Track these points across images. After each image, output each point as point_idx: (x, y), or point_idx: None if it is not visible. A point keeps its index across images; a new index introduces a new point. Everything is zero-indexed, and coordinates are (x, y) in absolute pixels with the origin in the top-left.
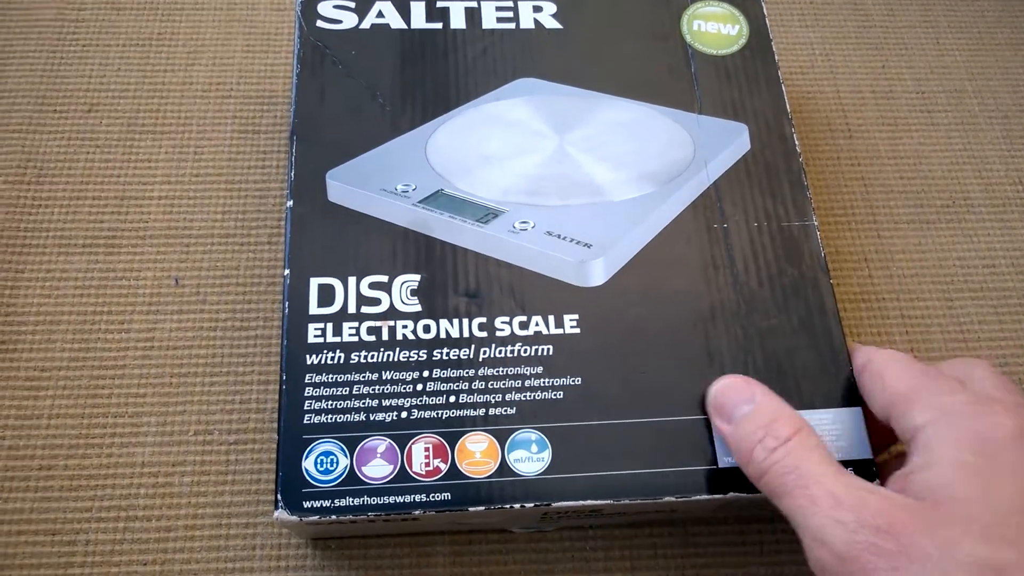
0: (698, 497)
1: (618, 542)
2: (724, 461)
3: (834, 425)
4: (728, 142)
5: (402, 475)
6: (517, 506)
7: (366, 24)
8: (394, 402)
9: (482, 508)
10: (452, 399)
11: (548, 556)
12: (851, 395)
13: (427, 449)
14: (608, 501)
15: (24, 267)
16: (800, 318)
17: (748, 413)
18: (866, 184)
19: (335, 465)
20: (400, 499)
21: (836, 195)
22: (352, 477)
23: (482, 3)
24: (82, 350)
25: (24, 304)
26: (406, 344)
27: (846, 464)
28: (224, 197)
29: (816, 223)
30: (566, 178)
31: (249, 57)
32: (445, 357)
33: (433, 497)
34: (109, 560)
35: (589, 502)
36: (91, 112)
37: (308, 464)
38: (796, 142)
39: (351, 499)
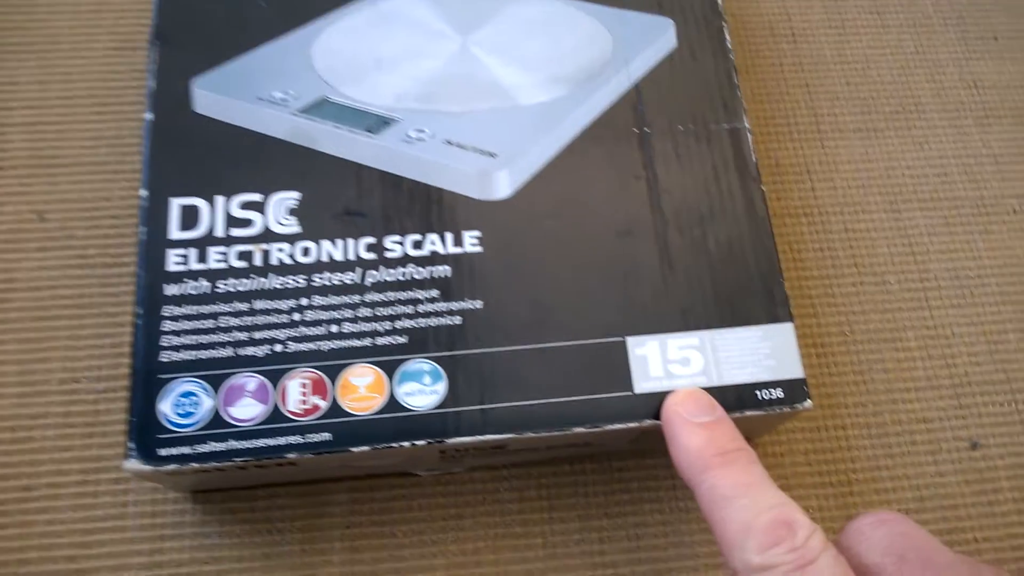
0: (612, 427)
1: (535, 481)
2: (641, 387)
3: (763, 343)
4: (652, 39)
5: (275, 415)
6: (407, 444)
7: None
8: (267, 334)
9: (367, 448)
10: (334, 329)
11: (458, 500)
12: (781, 311)
13: (304, 385)
14: (510, 435)
15: None
16: (728, 229)
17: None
18: (810, 91)
19: (197, 407)
20: (272, 442)
21: (777, 103)
22: (217, 420)
23: None
24: None
25: None
26: (282, 269)
27: (781, 383)
28: (96, 121)
29: (748, 126)
30: (468, 81)
31: None
32: (327, 283)
33: (310, 438)
34: None
35: (489, 437)
36: None
37: (165, 407)
38: (727, 37)
39: (215, 444)
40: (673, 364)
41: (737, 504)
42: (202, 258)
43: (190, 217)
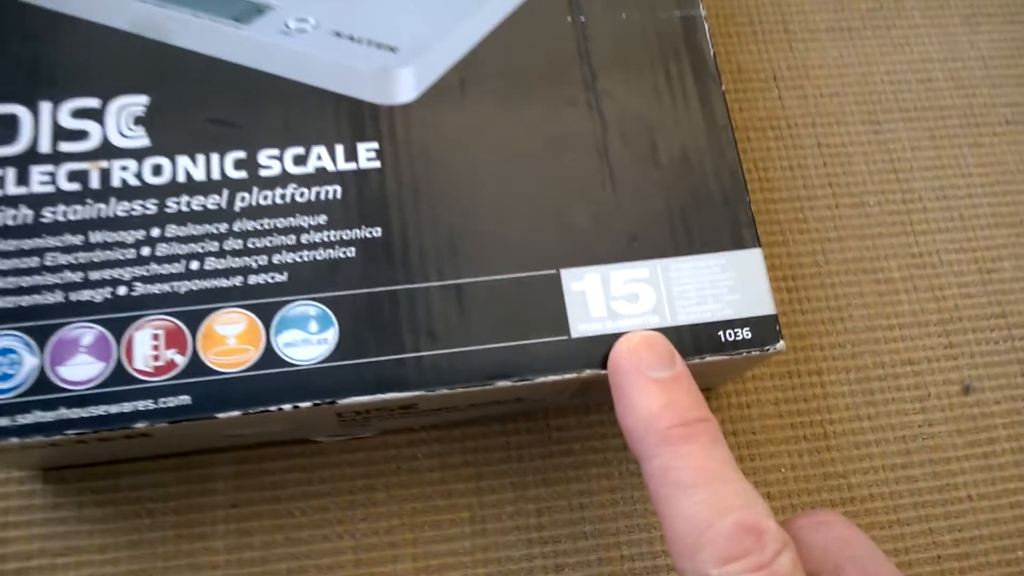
0: (545, 379)
1: (459, 444)
2: (579, 330)
3: (727, 274)
4: None
5: (118, 375)
6: (288, 408)
7: None
8: (108, 274)
9: (237, 414)
10: (194, 266)
11: (368, 469)
12: (748, 235)
13: (156, 337)
14: (419, 393)
15: None
16: (683, 138)
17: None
18: None
19: (17, 368)
20: (115, 409)
21: (739, 0)
22: (43, 383)
23: None
24: None
25: None
26: (126, 193)
27: (749, 321)
28: None
29: (704, 13)
30: None
31: None
32: (185, 208)
33: (165, 403)
34: None
35: (392, 395)
36: None
37: None
38: None
39: (41, 413)
40: (618, 301)
41: (696, 497)
42: (22, 180)
43: (7, 128)
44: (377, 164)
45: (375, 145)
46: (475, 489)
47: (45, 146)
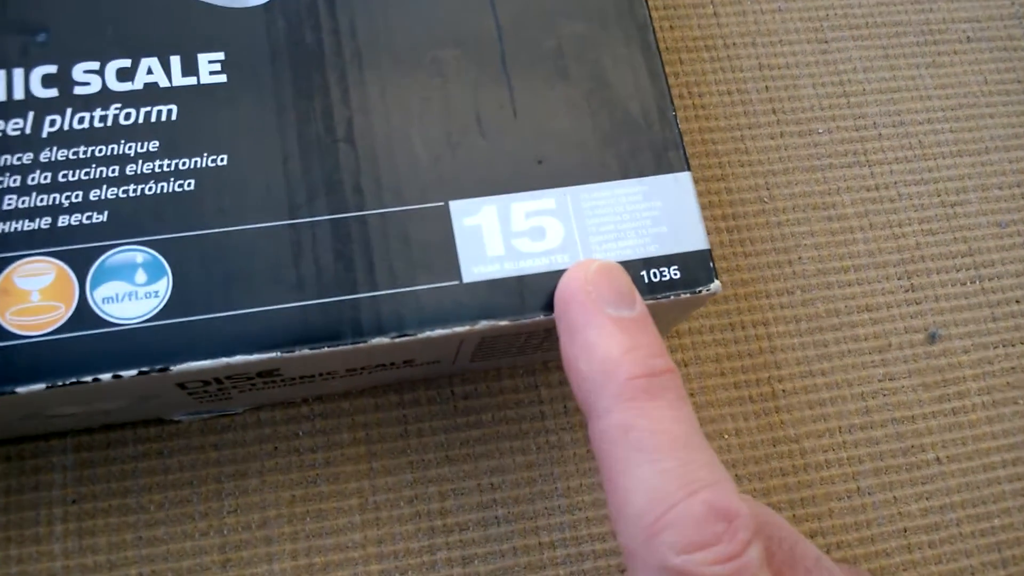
0: (434, 333)
1: (347, 419)
2: (472, 273)
3: (649, 203)
4: None
5: None
6: (107, 377)
7: None
8: None
9: (41, 387)
10: None
11: (237, 453)
12: (674, 156)
13: None
14: (275, 354)
15: None
16: (595, 41)
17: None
18: None
19: None
20: None
21: None
22: None
23: None
24: None
25: None
26: None
27: (677, 258)
28: None
29: None
30: None
31: None
32: None
33: None
34: None
35: (240, 359)
36: None
37: None
38: None
39: None
40: (520, 238)
41: (660, 465)
42: None
43: None
44: (222, 78)
45: (220, 56)
46: (367, 471)
47: None
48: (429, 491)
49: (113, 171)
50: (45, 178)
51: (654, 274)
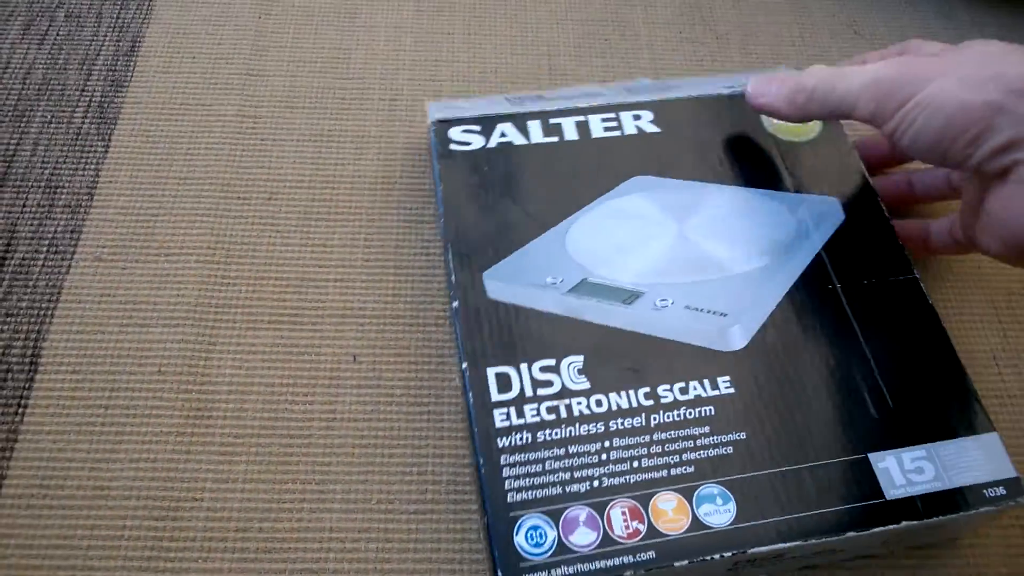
0: (873, 531)
1: None
2: (891, 493)
3: (975, 453)
4: (825, 215)
5: (606, 540)
6: (716, 556)
7: (492, 143)
8: (585, 472)
9: (685, 563)
10: (636, 464)
11: None
12: (982, 423)
13: (624, 513)
14: (797, 543)
15: (216, 340)
16: (925, 366)
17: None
18: None
19: (544, 538)
20: (610, 563)
21: None
22: (561, 547)
23: (589, 116)
24: (271, 419)
25: (217, 375)
26: (584, 419)
27: (997, 484)
28: (393, 281)
29: (918, 275)
30: (692, 258)
31: (411, 153)
32: (621, 427)
33: (639, 557)
34: None
35: (779, 546)
36: (271, 200)
37: (520, 539)
38: (882, 207)
39: (565, 568)
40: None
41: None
42: (520, 414)
43: (504, 382)
44: (732, 390)
45: (728, 378)
46: None
47: (528, 391)
48: None
49: (689, 443)
50: (658, 448)
51: (990, 491)
